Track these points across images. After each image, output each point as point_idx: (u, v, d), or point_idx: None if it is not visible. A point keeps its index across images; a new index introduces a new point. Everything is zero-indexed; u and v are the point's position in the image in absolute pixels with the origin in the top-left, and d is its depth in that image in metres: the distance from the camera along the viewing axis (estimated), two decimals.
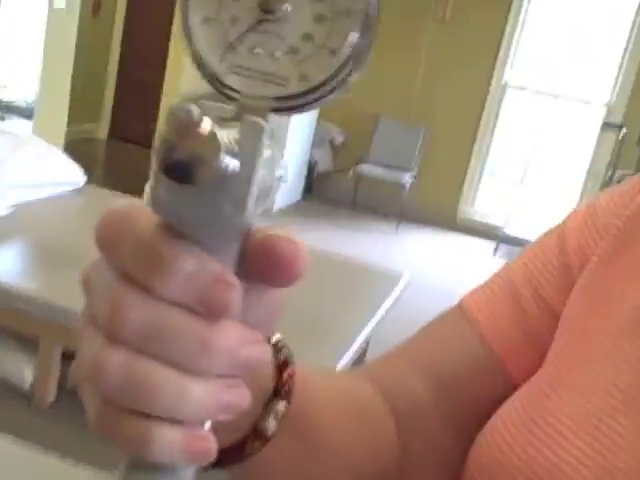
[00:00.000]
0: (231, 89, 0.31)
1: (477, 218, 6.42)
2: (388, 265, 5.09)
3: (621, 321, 0.49)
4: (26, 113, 6.34)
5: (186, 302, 0.27)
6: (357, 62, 0.31)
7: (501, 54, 6.19)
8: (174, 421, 0.28)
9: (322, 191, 6.53)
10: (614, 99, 6.01)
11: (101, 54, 6.97)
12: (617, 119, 5.86)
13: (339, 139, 6.51)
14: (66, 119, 4.88)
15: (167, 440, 0.28)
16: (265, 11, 0.30)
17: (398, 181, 5.99)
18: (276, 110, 0.30)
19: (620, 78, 5.99)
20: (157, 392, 0.27)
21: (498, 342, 0.54)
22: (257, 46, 0.31)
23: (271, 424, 0.40)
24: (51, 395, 2.68)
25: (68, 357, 2.72)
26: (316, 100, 0.31)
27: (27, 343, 2.74)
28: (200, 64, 0.33)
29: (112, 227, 0.28)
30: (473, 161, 6.41)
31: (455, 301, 0.60)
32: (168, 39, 5.39)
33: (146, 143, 6.16)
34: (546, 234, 0.60)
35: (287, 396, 0.41)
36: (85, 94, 6.43)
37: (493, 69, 6.23)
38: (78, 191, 3.63)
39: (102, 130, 7.24)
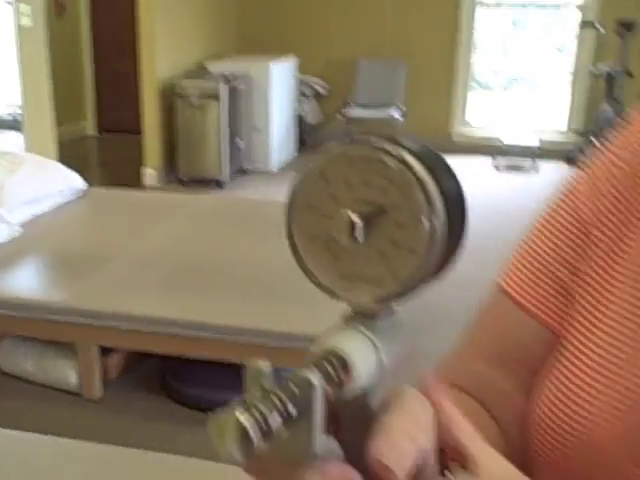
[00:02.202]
0: (335, 294, 0.37)
1: (472, 134, 6.47)
2: None
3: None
4: (14, 125, 6.40)
5: None
6: (442, 259, 0.35)
7: None
8: None
9: (315, 142, 6.59)
10: None
11: (74, 52, 6.99)
12: (592, 16, 5.86)
13: (322, 89, 6.54)
14: (54, 123, 4.96)
15: None
16: (352, 234, 0.35)
17: (388, 117, 6.04)
18: (376, 301, 0.36)
19: None
20: None
21: (549, 317, 0.63)
22: (354, 254, 0.36)
23: None
24: (98, 391, 2.84)
25: (106, 353, 2.87)
26: (412, 294, 0.36)
27: (65, 348, 2.88)
28: (309, 275, 0.38)
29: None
30: (459, 78, 6.41)
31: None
32: (134, 26, 5.41)
33: (134, 130, 6.22)
34: (555, 207, 0.66)
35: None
36: (67, 94, 6.48)
37: None
38: (81, 196, 3.74)
39: (90, 126, 7.31)
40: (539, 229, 0.66)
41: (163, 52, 5.38)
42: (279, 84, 5.90)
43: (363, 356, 0.35)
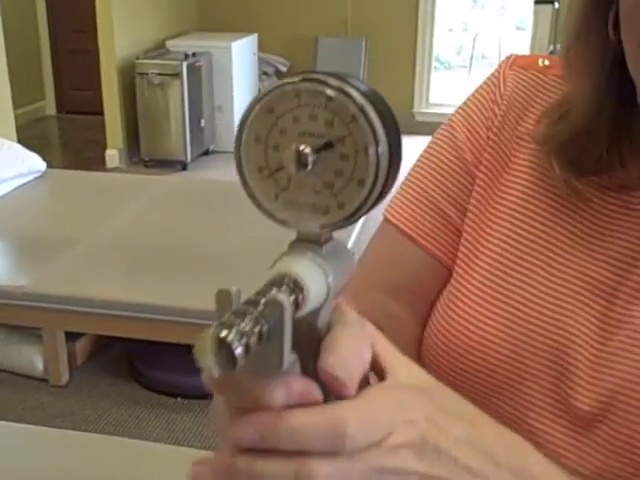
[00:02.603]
0: (285, 222, 0.39)
1: (434, 111, 6.47)
2: None
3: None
4: None
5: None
6: (383, 187, 0.37)
7: None
8: None
9: None
10: None
11: (29, 30, 6.84)
12: None
13: (283, 67, 6.51)
14: (11, 104, 4.86)
15: None
16: (299, 165, 0.37)
17: None
18: (322, 228, 0.39)
19: None
20: (272, 477, 0.38)
21: (435, 247, 0.68)
22: (301, 185, 0.38)
23: None
24: (64, 377, 2.83)
25: (72, 338, 2.86)
26: (355, 221, 0.38)
27: (30, 334, 2.86)
28: (257, 204, 0.40)
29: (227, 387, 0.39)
30: (421, 57, 6.41)
31: None
32: (93, 3, 5.31)
33: (95, 111, 6.14)
34: (435, 146, 0.71)
35: None
36: (24, 75, 6.35)
37: None
38: (40, 178, 3.69)
39: (50, 106, 7.18)
40: (422, 165, 0.71)
41: (122, 30, 5.29)
42: (241, 62, 5.86)
43: (315, 280, 0.38)
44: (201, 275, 2.73)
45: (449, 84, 6.99)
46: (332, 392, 0.39)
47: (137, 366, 2.85)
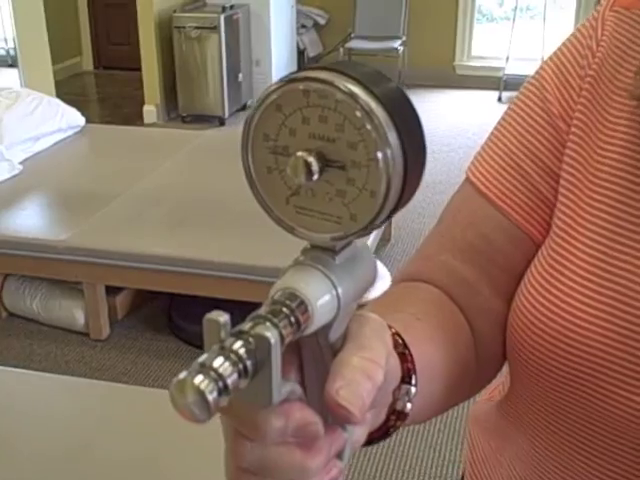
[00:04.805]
0: (293, 230, 0.37)
1: (475, 64, 6.34)
2: None
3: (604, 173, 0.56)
4: (9, 62, 6.28)
5: (283, 441, 0.36)
6: (399, 198, 0.34)
7: None
8: None
9: None
10: None
11: None
12: None
13: (322, 19, 6.40)
14: (50, 59, 4.86)
15: None
16: (306, 174, 0.34)
17: (390, 48, 5.92)
18: (334, 240, 0.36)
19: None
20: None
21: (513, 210, 0.61)
22: (313, 190, 0.35)
23: (406, 404, 0.48)
24: (105, 330, 2.85)
25: (112, 292, 2.87)
26: (369, 232, 0.35)
27: (71, 288, 2.88)
28: (266, 208, 0.37)
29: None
30: (463, 8, 6.27)
31: (469, 156, 0.67)
32: None
33: (132, 66, 6.11)
34: (522, 98, 0.64)
35: (413, 380, 0.49)
36: (62, 30, 6.34)
37: None
38: (79, 133, 3.69)
39: (87, 62, 7.18)
40: (507, 118, 0.64)
41: None
42: (279, 15, 5.77)
43: (321, 295, 0.35)
44: (240, 229, 2.72)
45: (492, 37, 6.80)
46: (338, 419, 0.36)
47: (176, 320, 2.86)
